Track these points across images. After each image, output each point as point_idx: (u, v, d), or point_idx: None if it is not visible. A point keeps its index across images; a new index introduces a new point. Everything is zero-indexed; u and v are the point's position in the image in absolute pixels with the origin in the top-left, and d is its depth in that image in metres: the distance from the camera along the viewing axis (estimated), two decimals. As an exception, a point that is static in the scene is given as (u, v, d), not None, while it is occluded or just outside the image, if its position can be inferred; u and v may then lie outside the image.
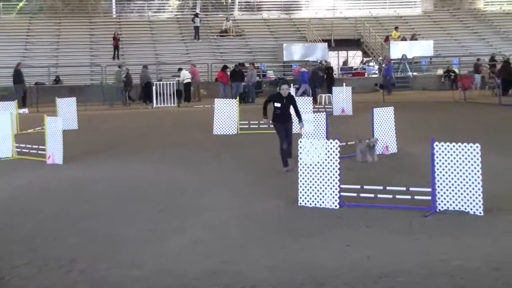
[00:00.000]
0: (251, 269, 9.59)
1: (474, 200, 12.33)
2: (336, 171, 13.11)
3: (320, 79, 42.55)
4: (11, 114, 22.39)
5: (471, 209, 12.33)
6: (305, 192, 13.35)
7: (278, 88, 14.74)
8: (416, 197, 12.82)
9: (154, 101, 41.10)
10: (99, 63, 48.66)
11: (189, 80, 43.80)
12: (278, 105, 16.88)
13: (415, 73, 51.04)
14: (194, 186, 15.85)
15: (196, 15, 54.56)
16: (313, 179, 13.30)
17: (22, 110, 33.92)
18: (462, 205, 12.39)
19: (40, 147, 20.30)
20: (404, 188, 13.16)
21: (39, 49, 51.19)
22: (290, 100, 17.10)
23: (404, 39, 54.50)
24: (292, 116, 17.32)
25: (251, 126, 25.49)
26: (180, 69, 44.48)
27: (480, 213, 12.23)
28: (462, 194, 12.39)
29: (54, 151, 19.63)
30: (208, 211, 13.19)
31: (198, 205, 13.75)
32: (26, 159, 20.43)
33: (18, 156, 20.98)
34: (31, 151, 20.77)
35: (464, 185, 12.38)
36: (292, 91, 32.66)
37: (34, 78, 46.06)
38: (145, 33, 54.91)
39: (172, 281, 9.16)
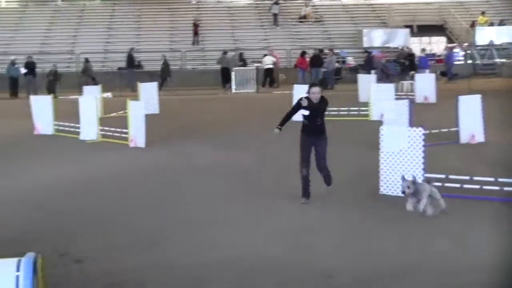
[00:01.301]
0: (333, 255, 9.55)
1: None
2: (420, 160, 12.85)
3: (402, 66, 42.09)
4: (96, 98, 22.76)
5: None
6: (387, 181, 13.16)
7: (307, 91, 12.72)
8: (506, 188, 12.35)
9: (233, 87, 41.23)
10: (179, 48, 48.96)
11: (271, 66, 43.81)
12: (306, 113, 12.65)
13: (503, 60, 49.55)
14: (277, 170, 15.82)
15: (276, 2, 54.35)
16: (395, 167, 13.08)
17: (106, 94, 34.32)
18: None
19: (123, 130, 20.55)
20: (492, 179, 12.61)
21: (121, 35, 51.76)
22: (323, 106, 12.75)
23: (491, 24, 52.94)
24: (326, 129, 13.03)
25: (331, 112, 25.32)
26: (265, 55, 44.62)
27: None
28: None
29: (137, 135, 19.83)
30: (294, 196, 13.07)
31: (285, 189, 13.69)
32: (110, 142, 20.74)
33: (102, 138, 21.31)
34: (114, 134, 21.05)
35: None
36: (373, 77, 32.25)
37: (116, 63, 46.64)
38: (224, 19, 54.95)
39: (268, 263, 9.20)
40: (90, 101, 22.30)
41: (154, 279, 8.71)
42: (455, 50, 49.65)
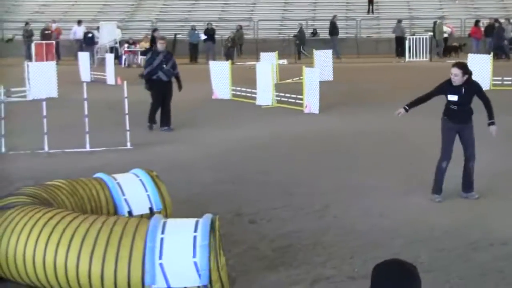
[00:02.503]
0: (497, 227, 9.32)
1: None
2: None
3: None
4: (272, 64, 23.06)
5: None
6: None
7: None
8: None
9: (407, 55, 40.66)
10: (354, 17, 48.66)
11: (446, 35, 42.81)
12: (453, 98, 10.65)
13: None
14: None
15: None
16: None
17: (281, 61, 34.64)
18: None
19: (298, 96, 20.72)
20: None
21: (297, 3, 51.83)
22: (473, 90, 10.65)
23: None
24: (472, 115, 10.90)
25: (504, 82, 24.65)
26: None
27: None
28: None
29: (311, 101, 19.96)
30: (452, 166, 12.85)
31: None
32: (285, 107, 20.97)
33: (277, 104, 21.58)
34: (289, 100, 21.27)
35: None
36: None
37: (292, 31, 46.92)
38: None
39: (421, 232, 9.09)
40: (267, 67, 22.62)
41: (325, 241, 8.80)
42: None
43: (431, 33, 42.49)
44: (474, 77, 10.85)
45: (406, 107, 11.10)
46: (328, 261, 8.07)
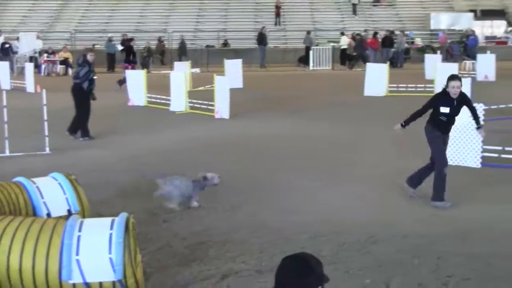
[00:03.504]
0: (400, 221, 9.50)
1: None
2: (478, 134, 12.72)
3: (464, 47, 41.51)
4: (185, 73, 23.01)
5: None
6: (449, 152, 13.03)
7: (445, 85, 10.39)
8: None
9: (311, 64, 41.20)
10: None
11: (345, 47, 43.56)
12: (446, 110, 10.38)
13: None
14: (348, 142, 15.79)
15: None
16: (457, 139, 12.97)
17: (194, 70, 34.57)
18: None
19: (210, 103, 20.72)
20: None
21: (210, 15, 52.00)
22: (464, 101, 10.55)
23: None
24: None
25: (399, 89, 25.19)
26: (342, 34, 44.51)
27: None
28: None
29: (222, 107, 19.97)
30: (362, 166, 13.10)
31: (352, 160, 13.69)
32: (197, 113, 20.92)
33: (190, 110, 21.52)
34: (201, 106, 21.25)
35: None
36: (438, 57, 31.89)
37: (205, 41, 46.97)
38: (304, 2, 54.62)
39: (326, 228, 9.17)
40: (180, 75, 22.57)
41: (236, 238, 8.80)
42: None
43: (333, 44, 43.23)
44: (372, 85, 11.09)
45: (403, 123, 10.66)
46: (238, 256, 8.06)
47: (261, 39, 43.47)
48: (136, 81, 24.05)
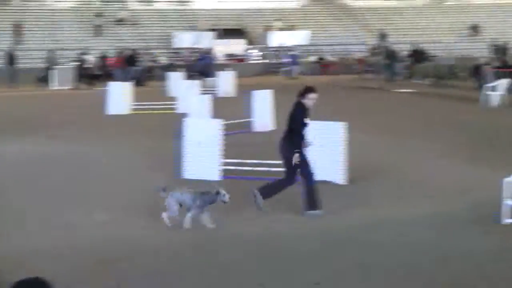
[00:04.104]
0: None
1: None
2: (218, 148, 13.23)
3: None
4: None
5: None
6: (190, 167, 13.33)
7: (300, 95, 10.48)
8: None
9: (53, 83, 40.31)
10: (2, 48, 46.95)
11: (90, 65, 43.42)
12: (308, 121, 10.41)
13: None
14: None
15: (99, 14, 53.33)
16: (198, 154, 13.29)
17: None
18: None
19: None
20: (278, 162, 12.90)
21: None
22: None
23: (283, 29, 54.96)
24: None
25: (143, 106, 25.33)
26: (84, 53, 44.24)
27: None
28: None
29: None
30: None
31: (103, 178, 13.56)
32: None
33: None
34: None
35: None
36: (181, 75, 32.58)
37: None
38: (47, 21, 53.38)
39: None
40: None
41: None
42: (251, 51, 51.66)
43: (76, 63, 42.75)
44: (116, 103, 11.06)
45: (299, 151, 10.31)
46: None
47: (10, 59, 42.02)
48: None
